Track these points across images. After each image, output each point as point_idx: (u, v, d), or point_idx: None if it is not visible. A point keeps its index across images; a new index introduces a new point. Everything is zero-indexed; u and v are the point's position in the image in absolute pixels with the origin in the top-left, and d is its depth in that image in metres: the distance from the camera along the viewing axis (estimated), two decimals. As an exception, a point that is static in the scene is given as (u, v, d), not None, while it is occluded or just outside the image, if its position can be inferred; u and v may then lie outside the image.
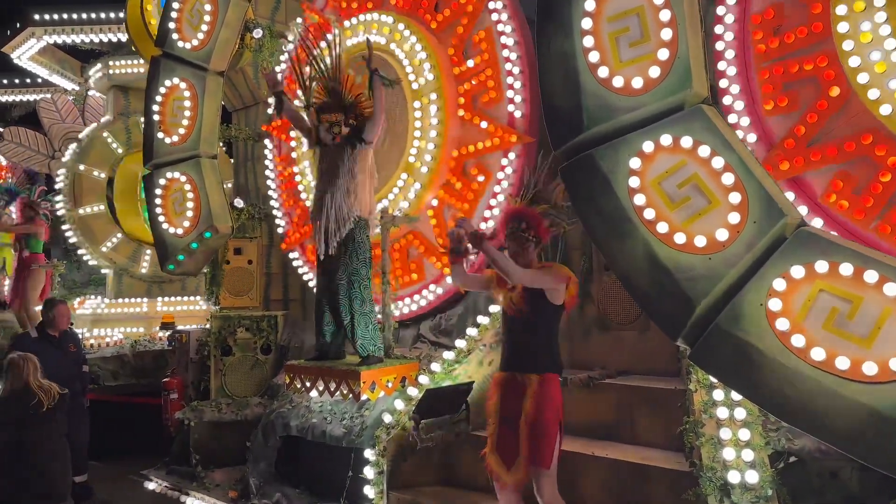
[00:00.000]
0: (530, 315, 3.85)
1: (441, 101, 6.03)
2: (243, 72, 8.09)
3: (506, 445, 3.79)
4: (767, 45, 4.14)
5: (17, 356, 4.99)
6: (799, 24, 4.03)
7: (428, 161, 6.06)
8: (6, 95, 14.48)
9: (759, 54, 4.18)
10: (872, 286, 3.07)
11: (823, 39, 3.90)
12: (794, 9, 4.08)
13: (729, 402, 3.74)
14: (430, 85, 6.07)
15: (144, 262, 11.25)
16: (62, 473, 4.96)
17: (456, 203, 6.04)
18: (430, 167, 6.06)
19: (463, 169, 6.06)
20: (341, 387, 5.16)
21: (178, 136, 7.26)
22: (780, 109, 4.09)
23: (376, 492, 4.93)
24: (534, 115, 5.70)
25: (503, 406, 3.87)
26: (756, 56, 4.20)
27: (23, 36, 11.87)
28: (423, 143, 6.08)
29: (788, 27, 4.08)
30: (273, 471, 6.18)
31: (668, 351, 4.68)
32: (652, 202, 3.59)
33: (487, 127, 5.85)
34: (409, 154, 6.16)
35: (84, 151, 11.21)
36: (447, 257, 4.26)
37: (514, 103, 5.74)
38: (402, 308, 6.30)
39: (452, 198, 6.09)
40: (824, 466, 3.67)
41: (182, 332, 7.92)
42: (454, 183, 6.08)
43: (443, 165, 6.08)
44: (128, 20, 9.66)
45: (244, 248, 7.52)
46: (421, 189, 6.10)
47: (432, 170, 6.06)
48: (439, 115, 6.03)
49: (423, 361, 5.56)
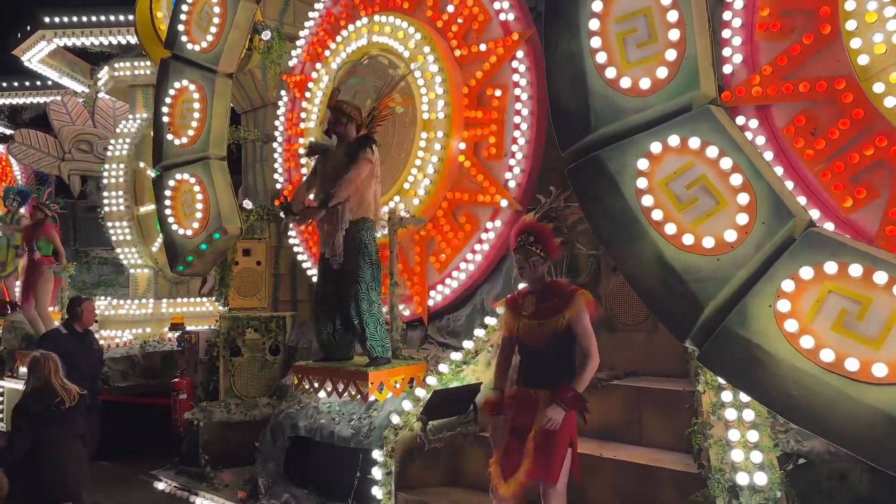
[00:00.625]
0: (560, 341, 3.77)
1: (446, 140, 6.08)
2: (252, 74, 8.14)
3: (510, 458, 3.75)
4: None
5: (39, 354, 5.04)
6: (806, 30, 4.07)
7: (422, 195, 6.15)
8: (17, 98, 14.59)
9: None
10: (882, 287, 3.05)
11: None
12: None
13: (737, 404, 3.73)
14: (440, 123, 6.10)
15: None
16: (78, 474, 4.99)
17: (441, 242, 6.19)
18: (422, 200, 6.16)
19: (453, 213, 6.19)
20: (349, 388, 5.17)
21: (187, 138, 7.29)
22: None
23: (384, 492, 4.94)
24: (529, 186, 5.75)
25: (515, 419, 3.82)
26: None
27: (33, 39, 11.94)
28: (420, 175, 6.15)
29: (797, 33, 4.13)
30: (281, 471, 6.19)
31: (677, 352, 4.65)
32: (660, 203, 3.58)
33: (483, 181, 5.93)
34: (406, 181, 6.23)
35: (139, 149, 11.07)
36: None
37: (512, 171, 5.80)
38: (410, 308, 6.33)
39: (438, 235, 6.24)
40: (834, 468, 3.65)
41: (191, 333, 7.96)
42: (443, 223, 6.21)
43: (435, 202, 6.19)
44: (137, 22, 9.72)
45: (253, 249, 7.54)
46: (409, 218, 6.20)
47: (424, 203, 6.16)
48: (442, 153, 6.08)
49: (431, 362, 5.57)
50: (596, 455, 4.53)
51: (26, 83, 14.26)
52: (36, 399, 4.85)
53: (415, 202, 6.16)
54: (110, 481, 7.04)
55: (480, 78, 6.06)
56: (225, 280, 7.51)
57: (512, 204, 5.72)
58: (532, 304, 3.89)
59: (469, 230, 6.06)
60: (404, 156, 6.30)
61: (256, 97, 8.45)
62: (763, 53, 4.35)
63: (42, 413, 4.80)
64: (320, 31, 7.53)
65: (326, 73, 7.14)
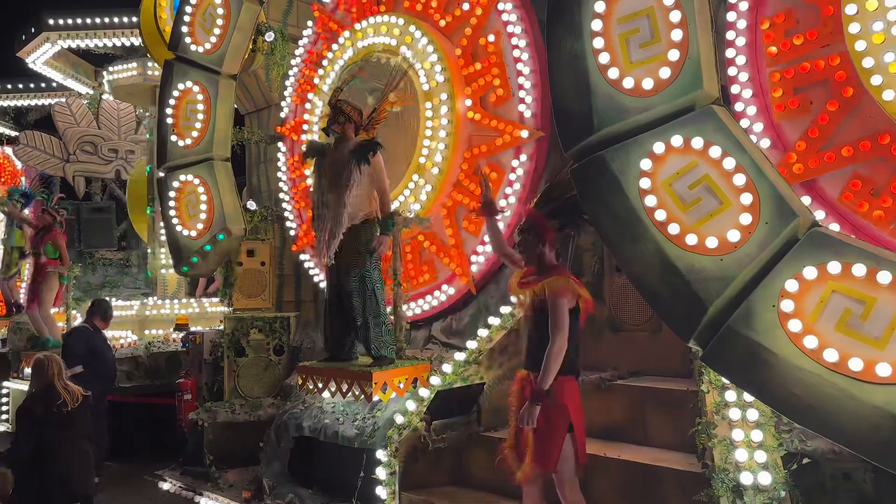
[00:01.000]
0: (539, 316, 3.88)
1: (451, 102, 6.06)
2: (255, 75, 8.15)
3: (521, 442, 3.85)
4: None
5: (42, 357, 5.06)
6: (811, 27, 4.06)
7: (439, 162, 6.08)
8: (22, 100, 14.65)
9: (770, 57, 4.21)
10: (886, 287, 3.05)
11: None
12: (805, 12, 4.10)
13: (741, 404, 3.73)
14: (440, 87, 6.09)
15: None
16: (84, 475, 5.00)
17: (469, 204, 6.06)
18: (441, 168, 6.08)
19: (476, 169, 6.07)
20: (353, 388, 5.19)
21: (191, 139, 7.31)
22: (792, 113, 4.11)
23: (388, 492, 4.95)
24: (545, 111, 5.72)
25: (519, 403, 3.91)
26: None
27: (38, 41, 11.99)
28: (433, 143, 6.09)
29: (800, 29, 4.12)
30: (286, 471, 6.21)
31: (681, 352, 4.66)
32: (663, 203, 3.58)
33: (497, 125, 5.86)
34: (421, 155, 6.17)
35: None
36: (482, 211, 4.37)
37: (525, 102, 5.76)
38: (414, 309, 6.33)
39: (466, 198, 6.10)
40: (838, 468, 3.66)
41: (196, 334, 7.98)
42: (467, 184, 6.10)
43: (454, 166, 6.10)
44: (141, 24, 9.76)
45: (257, 249, 7.56)
46: (432, 190, 6.12)
47: (443, 171, 6.08)
48: (450, 115, 6.05)
49: (435, 362, 5.58)
50: (600, 455, 4.53)
51: (31, 85, 14.33)
52: (39, 401, 4.87)
53: (434, 171, 6.10)
54: (116, 481, 7.06)
55: (470, 34, 6.12)
56: (229, 280, 7.53)
57: (533, 133, 5.68)
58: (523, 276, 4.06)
59: (497, 178, 5.89)
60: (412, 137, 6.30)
61: (260, 98, 8.47)
62: (788, 133, 4.29)
63: (45, 415, 4.82)
64: (305, 70, 7.67)
65: (320, 99, 7.20)
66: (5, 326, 11.39)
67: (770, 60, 4.32)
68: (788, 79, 4.23)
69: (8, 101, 14.60)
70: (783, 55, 4.27)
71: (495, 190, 5.84)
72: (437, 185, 6.09)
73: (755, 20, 4.36)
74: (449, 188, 6.15)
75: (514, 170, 5.79)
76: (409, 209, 6.14)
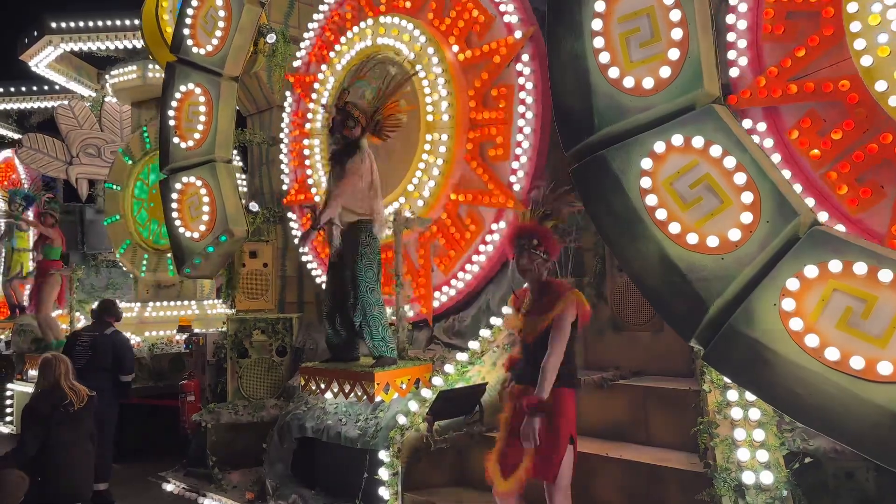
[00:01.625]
0: (536, 335, 3.80)
1: (451, 143, 6.09)
2: (257, 76, 8.16)
3: (508, 455, 3.77)
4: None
5: (50, 356, 5.08)
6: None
7: (426, 196, 6.17)
8: (25, 103, 14.70)
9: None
10: (887, 285, 3.05)
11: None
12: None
13: (743, 403, 3.73)
14: (444, 124, 6.11)
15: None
16: (86, 475, 5.02)
17: (445, 244, 6.20)
18: (426, 202, 6.17)
19: (458, 213, 6.19)
20: (356, 388, 5.20)
21: (193, 141, 7.33)
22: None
23: (391, 493, 4.96)
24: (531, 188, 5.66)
25: (514, 417, 3.83)
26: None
27: (40, 44, 12.04)
28: (424, 177, 6.16)
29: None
30: (289, 472, 6.22)
31: (682, 351, 4.66)
32: (664, 202, 3.59)
33: (488, 182, 5.92)
34: (410, 182, 6.25)
35: None
36: None
37: (516, 175, 5.79)
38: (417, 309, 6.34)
39: (444, 237, 6.23)
40: (840, 467, 3.65)
41: (199, 335, 8.00)
42: (448, 224, 6.20)
43: (439, 203, 6.20)
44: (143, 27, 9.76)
45: (259, 251, 7.57)
46: (413, 219, 6.22)
47: (428, 205, 6.17)
48: (447, 155, 6.09)
49: (437, 363, 5.58)
50: (602, 454, 4.54)
51: (34, 88, 14.38)
52: (45, 400, 4.89)
53: (419, 203, 6.17)
54: (119, 483, 7.07)
55: (486, 79, 6.06)
56: (232, 282, 7.54)
57: (517, 205, 5.73)
58: (530, 302, 3.93)
59: (474, 230, 6.07)
60: (408, 158, 6.31)
61: (262, 100, 8.48)
62: (768, 56, 4.32)
63: (51, 414, 4.83)
64: (326, 32, 7.55)
65: (332, 75, 7.16)
66: (9, 328, 11.44)
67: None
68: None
69: (11, 104, 14.65)
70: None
71: (471, 241, 6.03)
72: (420, 214, 6.17)
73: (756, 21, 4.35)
74: (431, 220, 6.26)
75: (492, 232, 5.93)
76: (410, 210, 6.14)
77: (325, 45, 7.48)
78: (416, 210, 6.14)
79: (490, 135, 6.00)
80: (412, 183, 6.22)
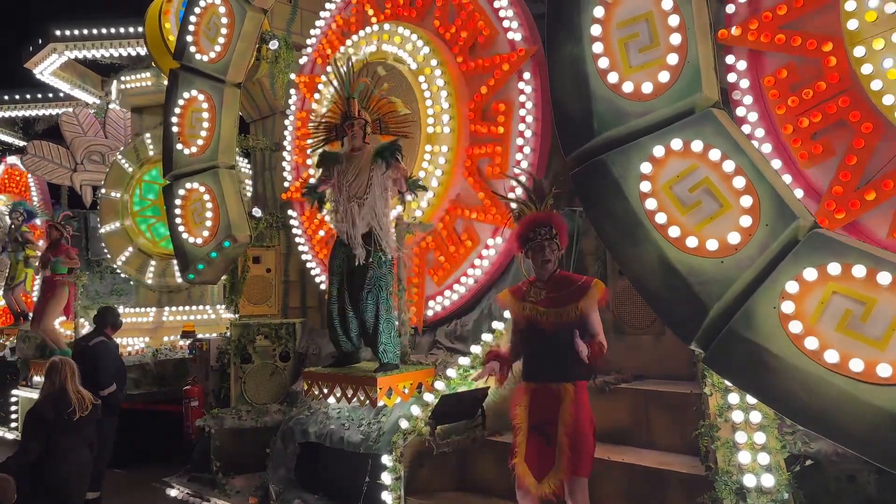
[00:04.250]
0: (563, 330, 3.76)
1: (451, 155, 6.11)
2: (260, 83, 8.20)
3: (536, 456, 3.73)
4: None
5: (57, 359, 5.09)
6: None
7: (424, 208, 6.20)
8: (29, 110, 14.79)
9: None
10: (886, 287, 3.06)
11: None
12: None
13: (744, 406, 3.74)
14: (444, 137, 6.13)
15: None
16: (81, 484, 5.03)
17: (439, 257, 6.22)
18: (424, 212, 6.20)
19: (454, 226, 6.22)
20: (358, 393, 5.21)
21: (196, 148, 7.36)
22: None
23: (394, 497, 4.97)
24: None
25: (533, 415, 3.80)
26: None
27: (45, 52, 12.12)
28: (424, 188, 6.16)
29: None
30: (292, 477, 6.23)
31: (684, 355, 4.67)
32: (663, 206, 3.60)
33: (484, 200, 5.95)
34: None
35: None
36: None
37: (515, 193, 5.72)
38: (418, 314, 6.36)
39: (438, 250, 6.25)
40: (841, 470, 3.65)
41: (203, 341, 8.02)
42: (444, 236, 6.23)
43: (436, 215, 6.23)
44: (146, 34, 9.82)
45: (262, 256, 7.60)
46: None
47: (426, 215, 6.21)
48: (446, 167, 6.12)
49: (439, 367, 5.60)
50: (604, 458, 4.54)
51: (38, 95, 14.47)
52: (50, 405, 4.90)
53: (417, 213, 6.19)
54: (123, 488, 7.10)
55: (486, 93, 6.06)
56: (235, 287, 7.57)
57: (510, 225, 5.71)
58: (541, 293, 3.89)
59: (470, 246, 6.09)
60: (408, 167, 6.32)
61: (265, 106, 8.52)
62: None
63: (54, 419, 4.84)
64: (330, 33, 7.60)
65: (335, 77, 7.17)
66: (14, 335, 11.48)
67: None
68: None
69: (16, 112, 14.74)
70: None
71: (467, 253, 6.06)
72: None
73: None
74: (433, 225, 6.27)
75: (488, 247, 5.94)
76: (412, 215, 6.17)
77: (330, 45, 7.51)
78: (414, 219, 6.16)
79: (489, 152, 6.01)
80: None
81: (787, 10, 4.20)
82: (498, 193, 5.61)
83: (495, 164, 5.95)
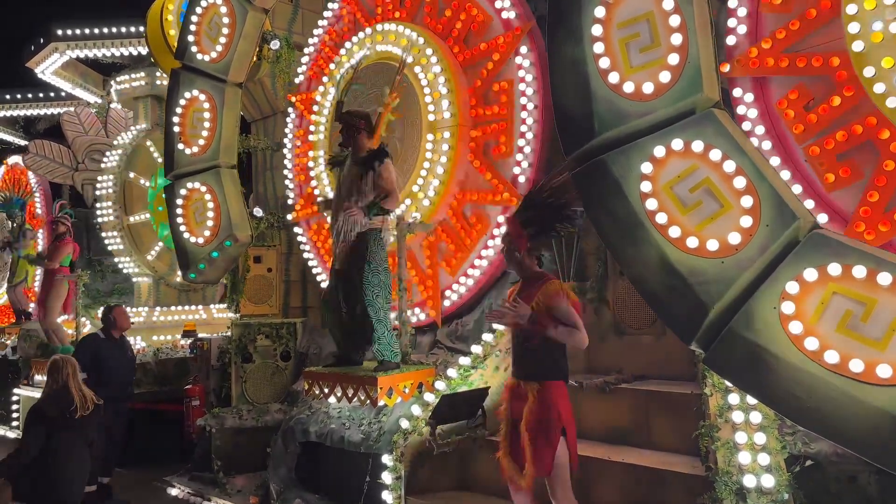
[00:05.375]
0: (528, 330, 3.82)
1: (453, 141, 6.12)
2: (261, 83, 8.21)
3: (517, 449, 3.82)
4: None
5: (58, 358, 5.10)
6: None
7: (431, 196, 6.20)
8: (31, 109, 14.80)
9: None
10: (886, 288, 3.05)
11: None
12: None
13: (744, 406, 3.74)
14: (446, 122, 6.14)
15: (179, 270, 11.23)
16: (79, 483, 5.03)
17: (450, 245, 6.21)
18: (432, 201, 6.21)
19: (462, 212, 6.21)
20: (359, 393, 5.21)
21: (197, 147, 7.37)
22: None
23: (394, 497, 4.97)
24: (537, 181, 5.73)
25: (511, 411, 3.91)
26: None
27: (46, 51, 12.13)
28: (429, 177, 6.20)
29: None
30: (293, 476, 6.24)
31: (684, 355, 4.67)
32: (664, 206, 3.60)
33: (492, 180, 5.94)
34: (415, 183, 6.27)
35: (131, 160, 11.22)
36: None
37: (521, 166, 5.81)
38: (419, 314, 6.36)
39: (448, 238, 6.24)
40: (842, 470, 3.65)
41: (204, 340, 8.03)
42: (453, 223, 6.22)
43: (444, 202, 6.23)
44: (148, 34, 9.83)
45: (264, 256, 7.61)
46: (420, 220, 6.23)
47: (434, 204, 6.21)
48: (449, 153, 6.13)
49: (440, 367, 5.60)
50: (604, 458, 4.54)
51: (40, 95, 14.49)
52: (52, 404, 4.90)
53: (425, 203, 6.19)
54: (124, 488, 7.10)
55: (485, 76, 6.10)
56: (237, 287, 7.58)
57: None
58: (522, 292, 3.98)
59: (480, 229, 6.06)
60: (411, 160, 6.35)
61: (266, 106, 8.53)
62: (767, 26, 4.34)
63: (56, 418, 4.84)
64: (324, 48, 7.64)
65: (333, 86, 7.22)
66: (15, 334, 11.49)
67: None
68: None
69: (18, 111, 14.76)
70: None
71: (478, 237, 6.04)
72: (425, 216, 6.20)
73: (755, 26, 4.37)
74: (436, 221, 6.29)
75: (498, 225, 5.92)
76: (412, 215, 6.17)
77: (325, 60, 7.55)
78: (422, 211, 6.17)
79: (493, 132, 6.02)
80: (417, 184, 6.25)
81: (787, 33, 4.17)
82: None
83: (501, 144, 5.95)
